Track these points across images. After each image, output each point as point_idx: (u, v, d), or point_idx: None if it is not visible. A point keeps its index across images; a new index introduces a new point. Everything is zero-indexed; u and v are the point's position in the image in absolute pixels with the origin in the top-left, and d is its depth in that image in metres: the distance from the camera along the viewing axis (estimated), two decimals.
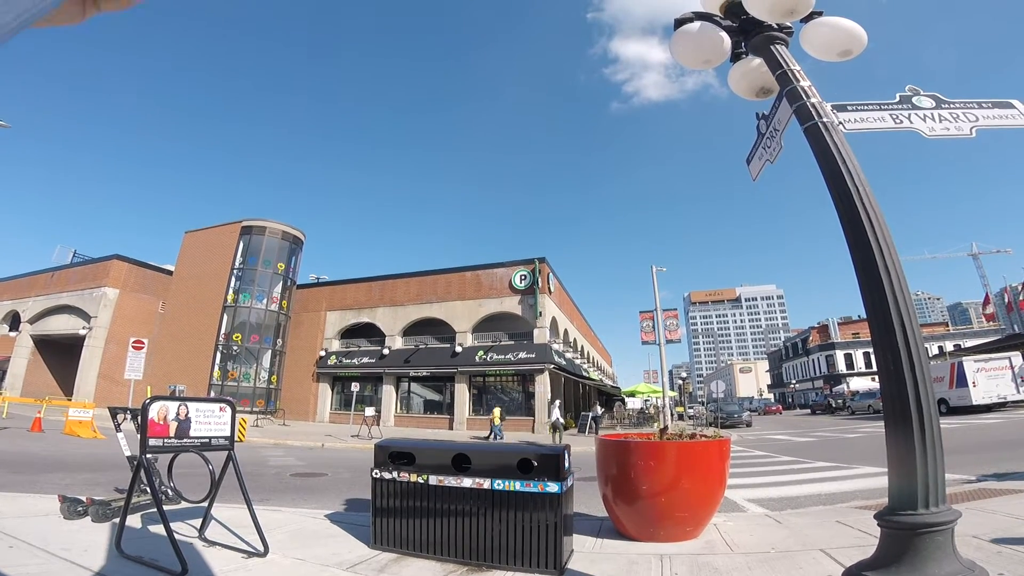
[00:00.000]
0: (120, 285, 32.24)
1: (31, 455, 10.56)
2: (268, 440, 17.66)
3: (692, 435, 5.21)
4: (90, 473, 8.57)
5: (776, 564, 3.71)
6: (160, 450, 3.94)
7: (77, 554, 3.79)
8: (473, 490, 4.02)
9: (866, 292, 2.66)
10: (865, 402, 36.02)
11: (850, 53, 3.17)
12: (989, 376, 25.36)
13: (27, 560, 3.59)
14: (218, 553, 4.04)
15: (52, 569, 3.45)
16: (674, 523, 4.51)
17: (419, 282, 30.68)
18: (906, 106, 3.24)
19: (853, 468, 9.58)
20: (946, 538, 2.37)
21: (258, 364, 29.55)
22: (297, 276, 33.25)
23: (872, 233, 2.67)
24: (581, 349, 40.46)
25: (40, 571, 3.38)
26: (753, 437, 20.05)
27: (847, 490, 7.34)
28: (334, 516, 5.50)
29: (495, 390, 28.03)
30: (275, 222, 31.67)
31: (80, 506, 4.95)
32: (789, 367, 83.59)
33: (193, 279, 31.20)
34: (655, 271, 27.98)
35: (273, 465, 11.26)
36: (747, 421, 29.41)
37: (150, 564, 3.59)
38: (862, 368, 61.81)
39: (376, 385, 29.47)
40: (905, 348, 2.50)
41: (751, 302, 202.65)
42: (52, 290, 35.00)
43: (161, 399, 4.02)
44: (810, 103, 3.01)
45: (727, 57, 3.40)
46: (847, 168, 2.82)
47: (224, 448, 4.28)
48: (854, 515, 5.10)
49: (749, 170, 3.83)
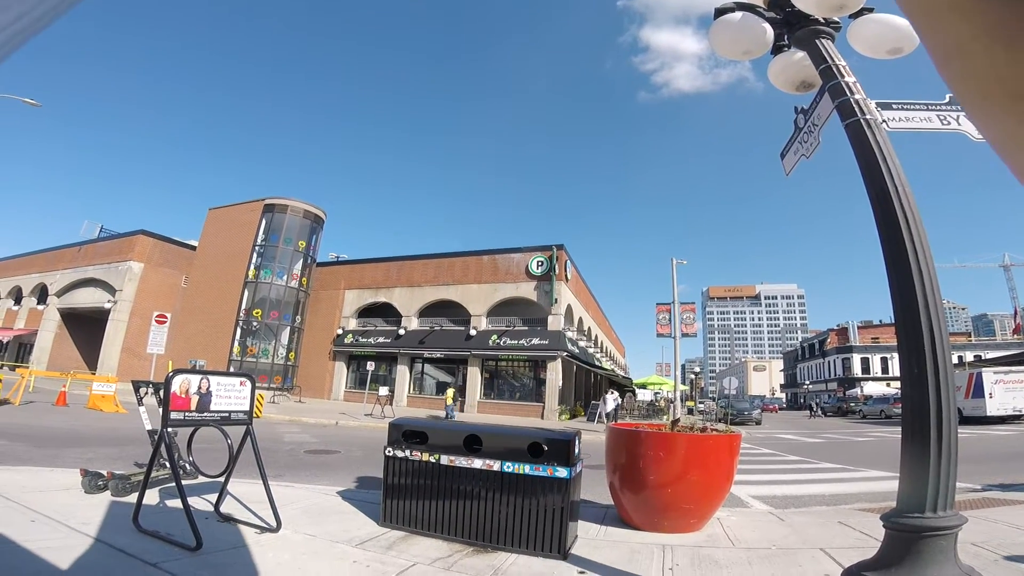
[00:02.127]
0: (145, 259, 32.87)
1: (55, 429, 10.86)
2: (284, 417, 18.01)
3: (703, 429, 5.25)
4: (111, 447, 8.77)
5: (776, 561, 3.75)
6: (181, 423, 3.99)
7: (95, 528, 3.89)
8: (483, 471, 4.10)
9: (896, 294, 2.65)
10: (878, 407, 35.63)
11: (900, 51, 3.09)
12: (1007, 388, 25.18)
13: (48, 534, 3.69)
14: (232, 528, 4.15)
15: (72, 543, 3.54)
16: (679, 515, 4.56)
17: (436, 264, 30.85)
18: (955, 107, 3.16)
19: (859, 471, 9.55)
20: (949, 543, 2.39)
21: (277, 340, 30.05)
22: (317, 254, 33.64)
23: (909, 235, 2.64)
24: (595, 338, 40.43)
25: (60, 545, 3.47)
26: (762, 435, 19.97)
27: (852, 492, 7.34)
28: (346, 493, 5.65)
29: (507, 375, 28.21)
30: (297, 201, 31.98)
31: (101, 480, 5.02)
32: (804, 368, 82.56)
33: (216, 255, 31.73)
34: (675, 264, 27.77)
35: (288, 441, 11.53)
36: (757, 419, 29.22)
37: (166, 539, 3.69)
38: (878, 373, 60.90)
39: (391, 365, 29.82)
40: (931, 353, 2.50)
41: (770, 300, 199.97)
42: (79, 263, 35.77)
43: (183, 372, 4.06)
44: (854, 99, 2.96)
45: (768, 49, 3.36)
46: (887, 168, 2.77)
47: (243, 423, 4.35)
48: (857, 517, 5.12)
49: (783, 164, 3.80)
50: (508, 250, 28.93)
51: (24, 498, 4.54)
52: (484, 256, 29.49)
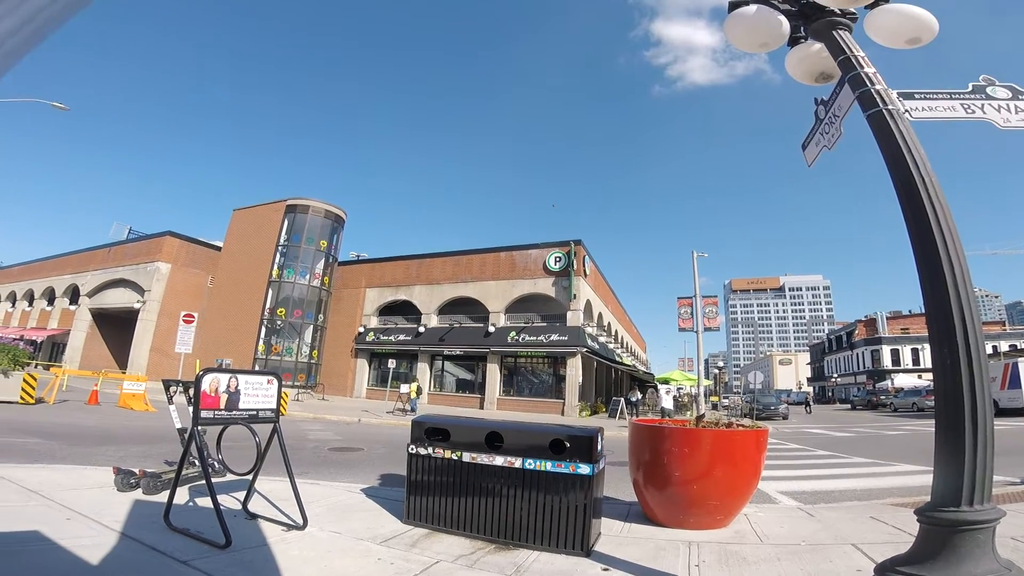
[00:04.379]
0: (172, 260, 33.59)
1: (88, 427, 11.13)
2: (308, 414, 18.28)
3: (729, 424, 5.17)
4: (142, 446, 8.94)
5: (806, 557, 3.68)
6: (211, 422, 4.06)
7: (128, 526, 3.98)
8: (505, 468, 4.10)
9: (926, 285, 2.60)
10: (909, 400, 34.71)
11: (919, 41, 3.06)
12: None
13: (83, 531, 3.78)
14: (259, 526, 4.22)
15: (105, 540, 3.62)
16: (705, 511, 4.51)
17: (455, 261, 30.97)
18: (979, 96, 3.10)
19: (891, 465, 9.33)
20: (987, 537, 2.33)
21: (300, 339, 30.50)
22: (339, 253, 34.01)
23: (937, 224, 2.59)
24: (615, 334, 40.19)
25: (94, 543, 3.56)
26: (790, 430, 19.64)
27: (883, 487, 7.16)
28: (369, 491, 5.71)
29: (526, 371, 28.21)
30: (318, 201, 32.37)
31: (133, 478, 5.14)
32: (831, 360, 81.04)
33: (240, 255, 32.30)
34: (696, 257, 27.43)
35: (312, 439, 11.67)
36: (784, 414, 28.74)
37: (196, 536, 3.76)
38: (909, 365, 59.51)
39: (411, 362, 30.05)
40: (964, 344, 2.44)
41: (795, 292, 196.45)
42: (109, 264, 36.74)
43: (213, 371, 4.13)
44: (875, 90, 2.92)
45: (784, 41, 3.34)
46: (912, 157, 2.73)
47: (270, 420, 4.41)
48: (889, 512, 5.00)
49: (804, 156, 3.75)
50: (526, 246, 28.87)
51: (60, 496, 4.66)
52: (502, 252, 29.50)
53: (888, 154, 2.83)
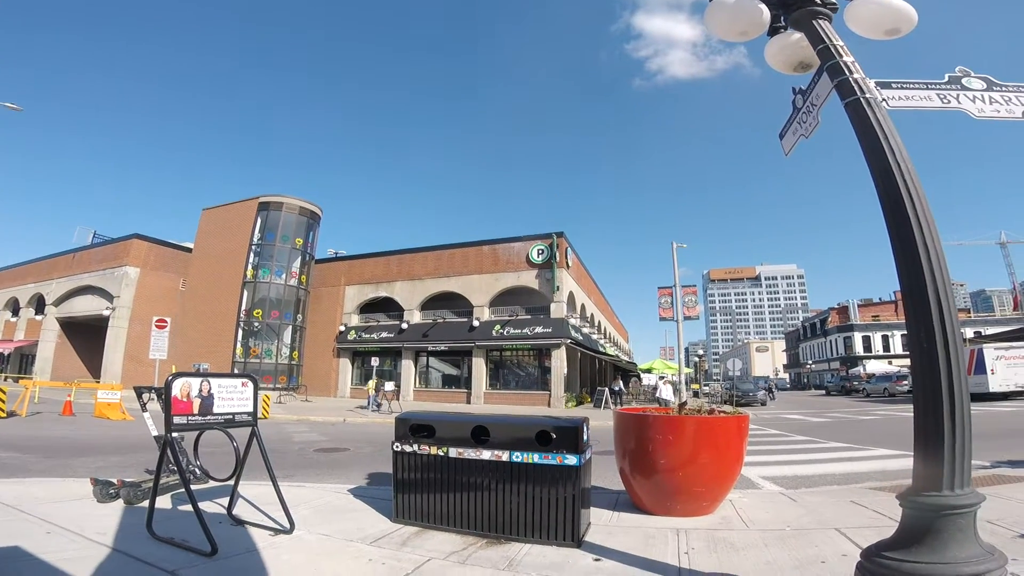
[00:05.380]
0: (141, 264, 32.60)
1: (63, 439, 10.86)
2: (292, 416, 18.06)
3: (711, 411, 5.24)
4: (121, 455, 8.75)
5: (792, 542, 3.75)
6: (185, 428, 3.95)
7: (111, 537, 3.88)
8: (492, 462, 4.09)
9: (903, 270, 2.63)
10: (881, 385, 35.66)
11: (898, 32, 3.08)
12: (1009, 364, 25.28)
13: (65, 545, 3.68)
14: (245, 531, 4.14)
15: (89, 554, 3.53)
16: (691, 498, 4.57)
17: (436, 256, 30.74)
18: (955, 86, 3.15)
19: (868, 450, 9.58)
20: (968, 521, 2.35)
21: (279, 340, 30.03)
22: (315, 251, 33.45)
23: (913, 211, 2.62)
24: (598, 324, 40.46)
25: (78, 556, 3.47)
26: (768, 416, 20.04)
27: (861, 471, 7.34)
28: (357, 491, 5.65)
29: (512, 365, 28.26)
30: (292, 198, 31.76)
31: (112, 489, 5.02)
32: (806, 347, 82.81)
33: (212, 256, 31.55)
34: (675, 247, 27.76)
35: (297, 441, 11.54)
36: (762, 400, 29.33)
37: (181, 545, 3.68)
38: (880, 351, 61.15)
39: (395, 360, 29.86)
40: (940, 326, 2.46)
41: (771, 281, 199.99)
42: (74, 271, 35.45)
43: (184, 375, 4.02)
44: (852, 78, 2.94)
45: (765, 30, 3.34)
46: (889, 145, 2.76)
47: (248, 424, 4.31)
48: (869, 496, 5.13)
49: (782, 145, 3.77)
50: (508, 239, 28.83)
51: (39, 510, 4.54)
52: (484, 246, 29.39)
53: (865, 142, 2.85)
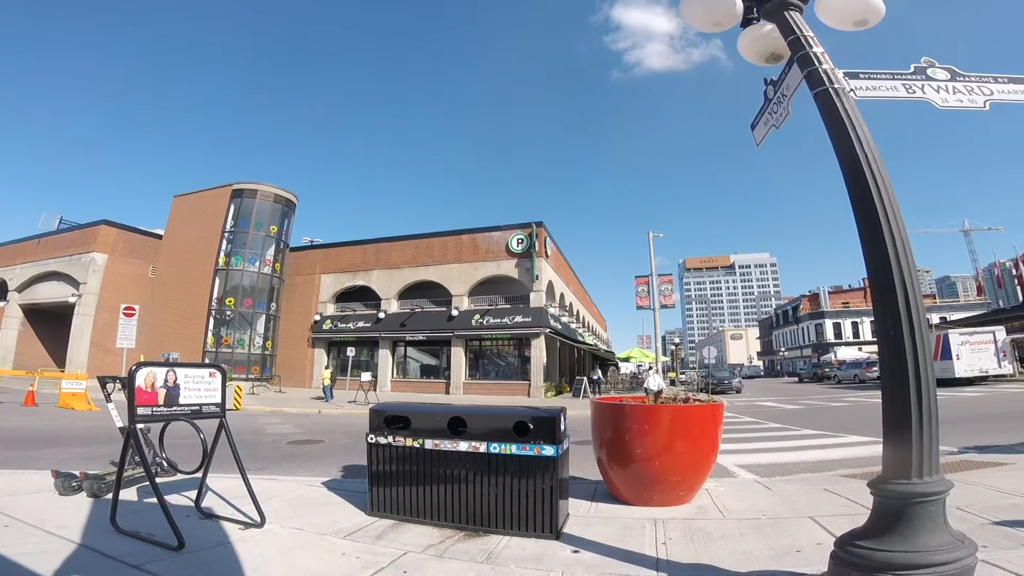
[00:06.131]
0: (109, 250, 31.63)
1: (25, 430, 10.55)
2: (265, 408, 17.77)
3: (686, 399, 5.27)
4: (85, 447, 8.54)
5: (767, 531, 3.78)
6: (149, 419, 3.86)
7: (73, 531, 3.78)
8: (469, 454, 4.05)
9: (870, 257, 2.65)
10: (851, 372, 36.49)
11: (866, 23, 3.12)
12: (973, 349, 25.73)
13: (24, 539, 3.58)
14: (215, 525, 4.05)
15: (50, 547, 3.44)
16: (668, 487, 4.58)
17: (415, 245, 30.42)
18: (920, 77, 3.21)
19: (839, 437, 9.77)
20: (938, 508, 2.36)
21: (252, 329, 29.48)
22: (290, 239, 32.83)
23: (879, 199, 2.65)
24: (577, 314, 40.63)
25: (38, 549, 3.37)
26: (743, 403, 20.41)
27: (834, 458, 7.48)
28: (331, 483, 5.56)
29: (491, 354, 28.24)
30: (267, 185, 31.09)
31: (74, 481, 4.89)
32: (779, 335, 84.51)
33: (183, 243, 30.76)
34: (652, 237, 27.95)
35: (270, 433, 11.35)
36: (737, 387, 29.85)
37: (146, 539, 3.58)
38: (850, 337, 62.70)
39: (372, 350, 29.57)
40: (907, 313, 2.48)
41: (744, 269, 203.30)
42: (39, 257, 34.32)
43: (148, 365, 3.89)
44: (822, 69, 2.96)
45: (738, 21, 3.35)
46: (856, 134, 2.79)
47: (215, 416, 4.21)
48: (842, 483, 5.22)
49: (753, 135, 3.81)
50: (488, 228, 28.68)
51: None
52: (464, 235, 29.18)
53: (834, 131, 2.89)
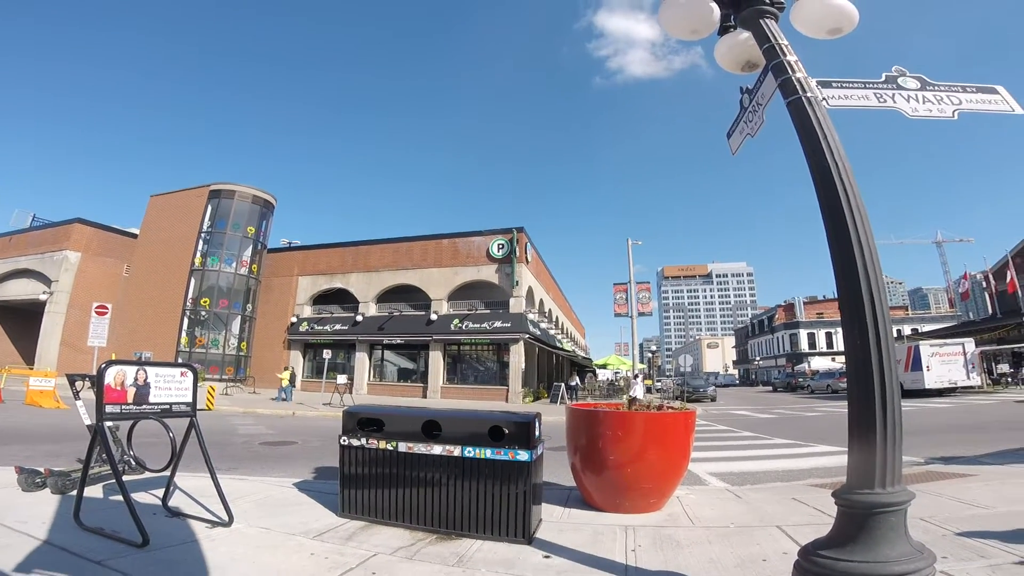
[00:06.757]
0: (82, 249, 31.03)
1: None
2: (238, 408, 17.49)
3: (659, 406, 5.31)
4: (52, 444, 8.41)
5: (735, 539, 3.82)
6: (118, 417, 3.84)
7: (35, 527, 3.71)
8: (443, 457, 4.03)
9: (838, 266, 2.66)
10: (824, 382, 36.94)
11: (840, 31, 3.15)
12: (943, 361, 25.79)
13: None
14: (181, 523, 4.00)
15: (9, 543, 3.37)
16: (639, 494, 4.61)
17: (394, 248, 30.30)
18: (891, 86, 3.26)
19: (810, 446, 9.89)
20: (899, 519, 2.38)
21: (227, 330, 29.04)
22: (268, 240, 32.59)
23: (849, 209, 2.67)
24: (556, 320, 40.77)
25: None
26: (717, 411, 20.61)
27: (803, 468, 7.58)
28: (302, 485, 5.49)
29: (470, 359, 28.18)
30: (245, 186, 30.84)
31: (39, 477, 4.83)
32: (755, 344, 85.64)
33: (159, 243, 30.29)
34: (631, 244, 28.19)
35: (242, 434, 11.17)
36: (712, 395, 30.18)
37: (111, 536, 3.53)
38: (824, 348, 63.77)
39: (349, 352, 29.33)
40: (873, 325, 2.51)
41: (721, 278, 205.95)
42: (10, 254, 33.59)
43: (118, 363, 3.88)
44: (795, 77, 2.99)
45: (715, 29, 3.37)
46: (827, 143, 2.81)
47: (186, 415, 4.18)
48: (810, 493, 5.29)
49: (729, 144, 3.82)
50: (468, 233, 28.70)
51: None
52: (444, 240, 29.16)
53: (806, 140, 2.90)
